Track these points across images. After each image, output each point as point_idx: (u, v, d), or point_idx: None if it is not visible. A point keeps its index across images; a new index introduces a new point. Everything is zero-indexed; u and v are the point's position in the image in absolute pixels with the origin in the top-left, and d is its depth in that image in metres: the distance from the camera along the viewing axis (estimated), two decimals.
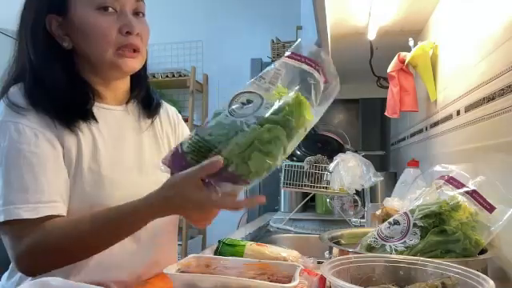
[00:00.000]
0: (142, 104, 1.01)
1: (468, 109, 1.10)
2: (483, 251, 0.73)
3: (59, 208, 0.81)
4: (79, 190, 0.84)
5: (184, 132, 1.11)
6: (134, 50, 0.88)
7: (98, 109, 0.91)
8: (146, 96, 1.01)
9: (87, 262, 0.85)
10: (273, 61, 3.01)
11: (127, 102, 0.98)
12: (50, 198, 0.80)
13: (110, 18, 0.85)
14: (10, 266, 0.90)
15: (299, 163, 1.93)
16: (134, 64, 0.89)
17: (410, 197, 0.94)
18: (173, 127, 1.08)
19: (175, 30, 3.75)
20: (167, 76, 3.46)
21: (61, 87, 0.85)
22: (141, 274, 0.93)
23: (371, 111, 2.80)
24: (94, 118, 0.89)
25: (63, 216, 0.81)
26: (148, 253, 0.94)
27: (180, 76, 3.46)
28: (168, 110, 1.11)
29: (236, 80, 3.48)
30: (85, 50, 0.87)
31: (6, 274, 0.91)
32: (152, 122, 1.02)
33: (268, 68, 0.71)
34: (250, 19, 3.61)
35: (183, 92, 3.68)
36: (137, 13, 0.89)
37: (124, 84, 0.97)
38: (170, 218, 1.00)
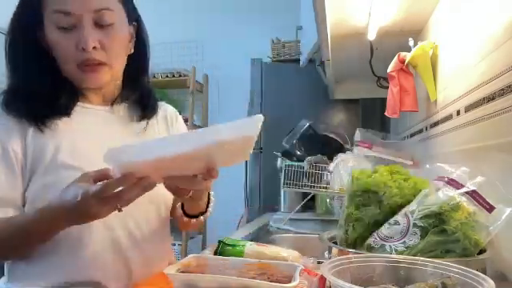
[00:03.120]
0: (133, 106, 1.00)
1: (468, 109, 1.10)
2: (482, 251, 0.73)
3: (10, 212, 0.84)
4: (53, 188, 0.83)
5: (179, 131, 1.10)
6: (100, 63, 0.87)
7: (80, 108, 0.93)
8: (138, 99, 1.00)
9: (73, 261, 0.86)
10: (273, 61, 3.04)
11: (114, 103, 0.98)
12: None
13: (69, 34, 0.85)
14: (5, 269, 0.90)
15: (299, 163, 1.93)
16: (98, 78, 0.89)
17: None
18: (168, 126, 1.08)
19: (175, 30, 3.75)
20: (167, 76, 3.46)
21: (38, 84, 0.88)
22: (132, 271, 0.92)
23: (371, 111, 2.80)
24: (67, 114, 0.90)
25: None
26: (139, 249, 0.93)
27: (180, 76, 3.46)
28: (167, 111, 1.10)
29: (236, 80, 3.48)
30: (58, 63, 0.89)
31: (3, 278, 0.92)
32: (147, 123, 1.01)
33: None
34: (250, 19, 3.61)
35: (183, 92, 3.68)
36: (100, 25, 0.86)
37: (110, 86, 0.97)
38: (162, 214, 1.00)
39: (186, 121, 3.39)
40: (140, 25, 0.99)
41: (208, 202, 1.01)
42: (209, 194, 1.00)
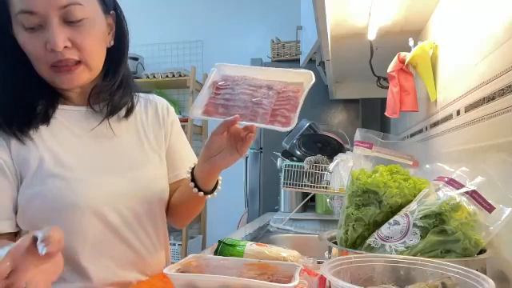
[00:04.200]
0: (113, 101, 0.96)
1: (468, 109, 1.10)
2: (482, 251, 0.73)
3: (6, 226, 0.83)
4: (40, 197, 0.83)
5: (174, 126, 1.08)
6: (75, 63, 0.83)
7: (60, 110, 0.91)
8: (113, 98, 0.96)
9: (69, 268, 0.85)
10: (273, 61, 3.03)
11: (93, 103, 0.95)
12: None
13: (36, 35, 0.80)
14: None
15: (299, 163, 1.93)
16: (74, 78, 0.85)
17: None
18: (160, 122, 1.05)
19: (175, 29, 3.75)
20: (167, 76, 3.47)
21: (15, 92, 0.86)
22: (128, 272, 0.93)
23: (371, 111, 2.80)
24: (47, 122, 0.87)
25: (10, 233, 0.84)
26: (134, 250, 0.94)
27: (180, 76, 3.46)
28: (157, 106, 1.07)
29: None
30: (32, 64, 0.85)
31: None
32: (129, 116, 0.99)
33: None
34: (250, 19, 3.61)
35: (183, 92, 3.68)
36: (70, 21, 0.81)
37: (91, 84, 0.93)
38: (157, 212, 0.99)
39: (185, 121, 3.40)
40: (118, 13, 0.93)
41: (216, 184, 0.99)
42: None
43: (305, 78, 0.90)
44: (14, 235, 0.85)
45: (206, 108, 0.88)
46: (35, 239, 0.53)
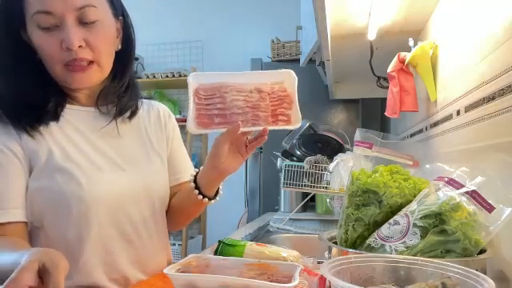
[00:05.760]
0: (119, 104, 0.98)
1: (468, 109, 1.10)
2: (482, 251, 0.73)
3: (17, 214, 0.83)
4: (46, 191, 0.85)
5: (175, 131, 1.12)
6: (88, 62, 0.85)
7: (69, 110, 0.92)
8: (121, 100, 0.98)
9: (71, 265, 0.85)
10: (273, 61, 3.03)
11: (101, 104, 0.96)
12: (10, 204, 0.82)
13: (52, 34, 0.83)
14: None
15: (299, 163, 1.93)
16: (87, 78, 0.87)
17: None
18: (162, 127, 1.08)
19: (175, 30, 3.75)
20: (167, 76, 3.47)
21: (25, 90, 0.87)
22: (128, 270, 0.93)
23: (371, 111, 2.80)
24: (56, 119, 0.89)
25: (21, 222, 0.84)
26: (134, 248, 0.94)
27: (180, 76, 3.47)
28: (159, 111, 1.10)
29: None
30: (44, 64, 0.87)
31: None
32: (130, 121, 1.01)
33: None
34: (249, 19, 3.61)
35: (183, 92, 3.68)
36: (84, 22, 0.84)
37: (99, 86, 0.95)
38: (157, 211, 1.00)
39: (185, 120, 3.40)
40: (126, 19, 0.97)
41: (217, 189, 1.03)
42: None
43: (285, 77, 0.93)
44: (25, 224, 0.86)
45: (199, 120, 0.88)
46: (38, 273, 0.57)
